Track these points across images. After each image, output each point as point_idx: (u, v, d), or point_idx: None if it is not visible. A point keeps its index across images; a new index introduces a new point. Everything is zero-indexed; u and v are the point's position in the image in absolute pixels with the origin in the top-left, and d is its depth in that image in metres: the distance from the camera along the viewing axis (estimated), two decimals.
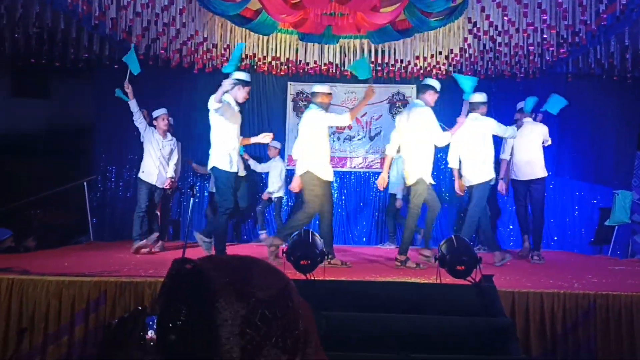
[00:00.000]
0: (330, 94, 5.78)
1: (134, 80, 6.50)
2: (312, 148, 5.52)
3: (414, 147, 5.55)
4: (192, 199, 5.68)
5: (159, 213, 7.03)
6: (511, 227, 8.50)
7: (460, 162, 6.07)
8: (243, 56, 7.93)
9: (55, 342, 4.02)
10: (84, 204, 8.12)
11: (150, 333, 0.94)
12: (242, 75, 5.57)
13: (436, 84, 5.71)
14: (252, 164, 8.08)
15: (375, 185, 9.14)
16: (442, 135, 5.59)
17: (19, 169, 8.67)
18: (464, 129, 5.76)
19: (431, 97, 5.63)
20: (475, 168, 5.84)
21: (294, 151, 5.98)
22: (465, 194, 6.29)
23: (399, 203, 7.73)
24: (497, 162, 6.59)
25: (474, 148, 5.83)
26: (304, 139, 5.59)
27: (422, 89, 5.73)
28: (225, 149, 5.48)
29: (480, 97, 5.87)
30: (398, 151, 5.97)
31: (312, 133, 5.52)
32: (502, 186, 6.82)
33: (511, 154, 6.63)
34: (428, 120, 5.52)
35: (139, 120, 6.59)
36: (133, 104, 6.47)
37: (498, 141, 6.52)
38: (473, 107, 5.85)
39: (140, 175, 6.60)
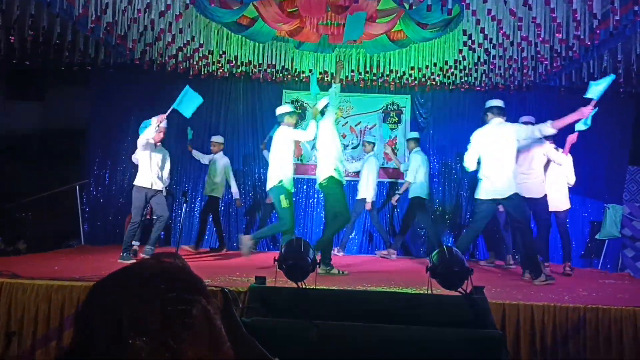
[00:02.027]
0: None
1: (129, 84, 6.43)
2: None
3: (507, 160, 5.50)
4: (184, 205, 5.66)
5: None
6: None
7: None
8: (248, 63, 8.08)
9: (44, 346, 3.99)
10: (76, 208, 8.10)
11: None
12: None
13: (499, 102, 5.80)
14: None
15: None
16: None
17: (12, 171, 8.63)
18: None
19: None
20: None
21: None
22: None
23: None
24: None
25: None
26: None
27: (497, 110, 5.67)
28: None
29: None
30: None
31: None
32: None
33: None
34: (523, 128, 5.60)
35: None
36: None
37: None
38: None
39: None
